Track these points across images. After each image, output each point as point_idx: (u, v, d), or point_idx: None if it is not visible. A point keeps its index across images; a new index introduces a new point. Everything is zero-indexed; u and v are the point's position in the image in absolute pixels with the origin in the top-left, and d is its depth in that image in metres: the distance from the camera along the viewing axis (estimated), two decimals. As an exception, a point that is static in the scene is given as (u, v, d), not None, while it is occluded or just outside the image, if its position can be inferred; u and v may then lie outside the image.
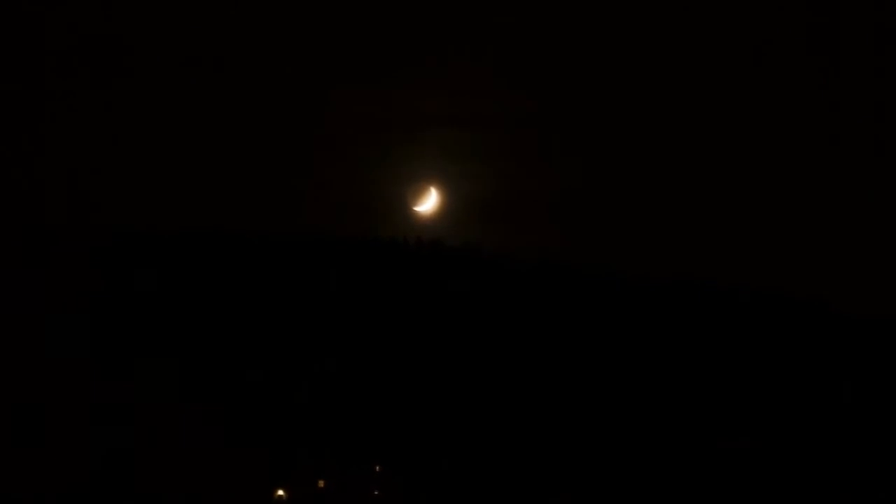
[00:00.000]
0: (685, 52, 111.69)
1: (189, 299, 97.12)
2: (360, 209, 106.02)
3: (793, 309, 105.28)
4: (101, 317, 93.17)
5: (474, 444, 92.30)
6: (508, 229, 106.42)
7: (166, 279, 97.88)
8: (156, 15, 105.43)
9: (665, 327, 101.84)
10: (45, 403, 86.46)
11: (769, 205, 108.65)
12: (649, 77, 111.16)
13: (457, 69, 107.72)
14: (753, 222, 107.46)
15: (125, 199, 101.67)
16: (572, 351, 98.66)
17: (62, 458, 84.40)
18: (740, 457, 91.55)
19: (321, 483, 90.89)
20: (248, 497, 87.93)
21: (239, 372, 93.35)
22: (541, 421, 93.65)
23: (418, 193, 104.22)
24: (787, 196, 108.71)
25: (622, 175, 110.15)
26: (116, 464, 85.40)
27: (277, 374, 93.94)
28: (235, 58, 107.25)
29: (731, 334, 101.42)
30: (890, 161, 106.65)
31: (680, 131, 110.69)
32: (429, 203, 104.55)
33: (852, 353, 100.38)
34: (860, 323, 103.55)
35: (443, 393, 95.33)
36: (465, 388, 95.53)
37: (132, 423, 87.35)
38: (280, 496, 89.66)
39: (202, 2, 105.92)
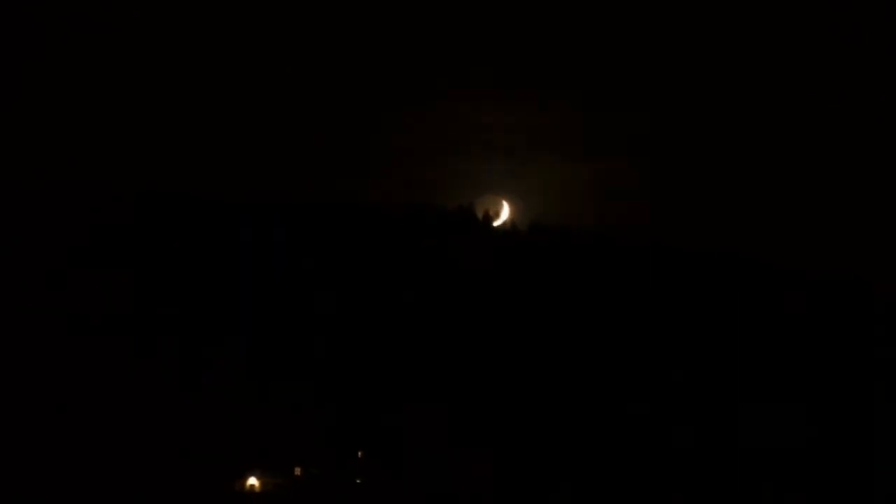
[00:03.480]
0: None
1: (182, 279, 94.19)
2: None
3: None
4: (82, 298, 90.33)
5: (470, 433, 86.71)
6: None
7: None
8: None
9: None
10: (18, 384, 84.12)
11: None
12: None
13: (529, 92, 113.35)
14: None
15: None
16: (554, 340, 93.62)
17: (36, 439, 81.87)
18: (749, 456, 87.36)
19: (297, 471, 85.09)
20: (217, 487, 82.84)
21: (215, 355, 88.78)
22: (537, 413, 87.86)
23: (490, 206, 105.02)
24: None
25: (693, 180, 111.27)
26: (88, 450, 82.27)
27: (255, 357, 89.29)
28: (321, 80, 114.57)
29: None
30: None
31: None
32: (502, 216, 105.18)
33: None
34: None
35: (437, 380, 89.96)
36: (460, 376, 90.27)
37: (107, 410, 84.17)
38: (252, 486, 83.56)
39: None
